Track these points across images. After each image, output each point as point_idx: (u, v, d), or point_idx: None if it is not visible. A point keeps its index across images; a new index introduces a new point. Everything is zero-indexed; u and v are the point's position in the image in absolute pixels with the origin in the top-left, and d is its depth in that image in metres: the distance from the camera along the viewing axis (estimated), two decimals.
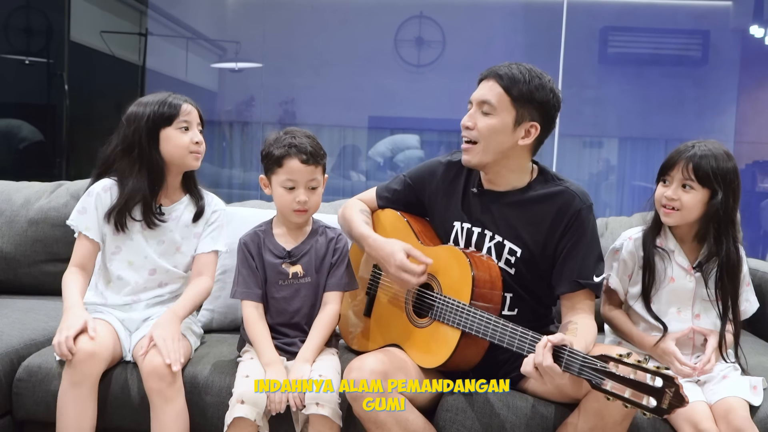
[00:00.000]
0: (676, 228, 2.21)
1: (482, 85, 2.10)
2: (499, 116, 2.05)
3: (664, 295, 2.21)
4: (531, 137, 2.07)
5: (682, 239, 2.22)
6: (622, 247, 2.27)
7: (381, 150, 5.81)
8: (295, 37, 5.74)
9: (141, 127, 2.20)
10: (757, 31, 5.54)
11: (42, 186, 2.98)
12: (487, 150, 2.08)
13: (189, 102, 2.27)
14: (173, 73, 6.00)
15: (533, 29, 5.65)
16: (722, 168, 2.11)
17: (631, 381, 1.65)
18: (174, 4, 5.89)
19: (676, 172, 2.13)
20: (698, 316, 2.20)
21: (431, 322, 2.10)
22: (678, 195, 2.12)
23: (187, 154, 2.24)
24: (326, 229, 2.26)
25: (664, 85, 5.60)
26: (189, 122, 2.24)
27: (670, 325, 2.18)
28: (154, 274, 2.27)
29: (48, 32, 5.22)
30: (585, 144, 5.84)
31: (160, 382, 2.01)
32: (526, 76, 2.04)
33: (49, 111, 5.21)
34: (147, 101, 2.24)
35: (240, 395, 2.01)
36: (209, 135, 5.92)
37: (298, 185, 2.15)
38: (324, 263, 2.21)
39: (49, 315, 2.53)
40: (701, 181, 2.10)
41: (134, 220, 2.23)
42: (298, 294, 2.19)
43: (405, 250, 2.10)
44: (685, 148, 2.14)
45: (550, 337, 1.79)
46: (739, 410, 1.97)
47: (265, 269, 2.19)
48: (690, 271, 2.19)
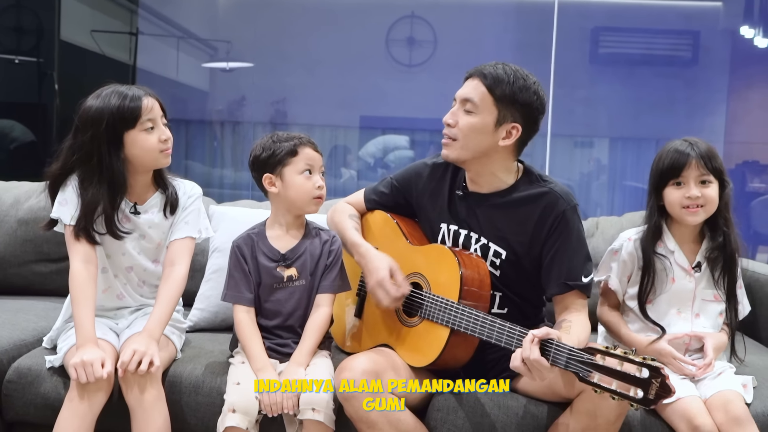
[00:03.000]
0: (677, 229, 2.23)
1: (467, 83, 2.09)
2: (480, 115, 2.05)
3: (665, 296, 2.22)
4: (512, 138, 2.06)
5: (682, 239, 2.23)
6: (622, 248, 2.27)
7: (371, 150, 5.82)
8: (286, 37, 5.74)
9: (100, 134, 2.05)
10: (746, 31, 5.57)
11: (32, 186, 2.97)
12: (465, 147, 2.08)
13: (149, 94, 2.11)
14: (164, 72, 5.98)
15: (524, 29, 5.66)
16: (720, 160, 2.19)
17: (618, 372, 1.66)
18: (165, 4, 5.88)
19: (691, 170, 2.14)
20: (698, 316, 2.22)
21: (421, 321, 2.10)
22: (701, 192, 2.14)
23: (157, 154, 2.12)
24: (320, 231, 2.24)
25: (655, 86, 5.62)
26: (153, 119, 2.10)
27: (670, 326, 2.19)
28: (131, 272, 2.23)
29: (38, 31, 5.19)
30: (576, 144, 5.85)
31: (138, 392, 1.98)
32: (510, 77, 2.03)
33: (39, 110, 5.18)
34: (103, 104, 2.06)
35: (232, 404, 2.00)
36: (200, 135, 5.93)
37: (314, 170, 2.15)
38: (319, 265, 2.19)
39: (39, 315, 2.52)
40: (715, 174, 2.15)
41: (98, 233, 2.12)
42: (293, 296, 2.18)
43: (390, 268, 2.11)
44: (686, 146, 2.16)
45: (535, 331, 1.80)
46: (736, 401, 1.98)
47: (260, 272, 2.17)
48: (690, 271, 2.21)
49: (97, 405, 1.98)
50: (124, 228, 2.15)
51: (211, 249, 2.72)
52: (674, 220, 2.22)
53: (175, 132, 2.24)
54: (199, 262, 2.74)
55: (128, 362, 1.96)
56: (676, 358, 2.11)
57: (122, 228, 2.15)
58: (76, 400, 1.96)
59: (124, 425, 2.03)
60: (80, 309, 2.05)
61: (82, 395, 1.95)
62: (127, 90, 2.10)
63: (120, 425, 2.04)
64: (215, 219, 2.75)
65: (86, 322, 2.03)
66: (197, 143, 5.96)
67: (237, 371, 2.10)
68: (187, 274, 2.21)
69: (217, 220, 2.75)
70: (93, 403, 1.97)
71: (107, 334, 2.13)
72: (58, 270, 2.82)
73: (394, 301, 2.10)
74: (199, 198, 2.29)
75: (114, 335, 2.17)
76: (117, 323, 2.23)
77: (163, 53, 5.94)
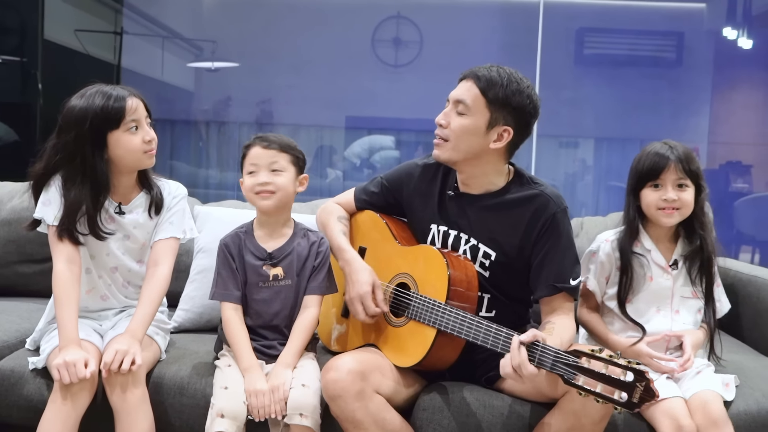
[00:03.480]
0: (653, 229, 2.26)
1: (461, 85, 2.10)
2: (472, 117, 2.05)
3: (644, 295, 2.24)
4: (503, 141, 2.06)
5: (658, 239, 2.27)
6: (599, 250, 2.29)
7: (357, 151, 5.82)
8: (272, 37, 5.73)
9: (83, 134, 2.03)
10: (730, 32, 5.62)
11: (15, 186, 2.94)
12: (456, 149, 2.08)
13: (133, 95, 2.10)
14: (149, 72, 5.96)
15: (510, 30, 5.68)
16: (698, 165, 2.23)
17: (603, 376, 1.68)
18: (150, 3, 5.85)
19: (669, 174, 2.18)
20: (678, 312, 2.24)
21: (407, 321, 2.10)
22: (677, 195, 2.18)
23: (141, 155, 2.11)
24: (308, 232, 2.23)
25: (640, 86, 5.66)
26: (137, 120, 2.08)
27: (650, 323, 2.21)
28: (115, 273, 2.22)
29: (21, 30, 5.16)
30: (561, 144, 5.88)
31: (122, 393, 1.97)
32: (504, 80, 2.04)
33: (22, 110, 5.14)
34: (87, 104, 2.04)
35: (220, 409, 1.98)
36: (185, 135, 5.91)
37: (259, 168, 2.13)
38: (306, 266, 2.19)
39: (21, 317, 2.50)
40: (692, 178, 2.19)
41: (81, 234, 2.10)
42: (278, 296, 2.17)
43: (373, 285, 2.12)
44: (666, 150, 2.20)
45: (522, 337, 1.80)
46: (714, 403, 2.00)
47: (246, 270, 2.17)
48: (667, 269, 2.24)
49: (80, 406, 1.96)
50: (107, 229, 2.14)
51: (196, 249, 2.71)
52: (650, 221, 2.26)
53: (160, 132, 2.23)
54: (183, 263, 2.72)
55: (110, 362, 1.95)
56: (653, 357, 2.13)
57: (105, 229, 2.13)
58: (60, 401, 1.94)
59: (108, 427, 2.01)
60: (63, 310, 2.03)
61: (66, 397, 1.94)
62: (112, 90, 2.08)
63: (104, 427, 2.02)
64: (200, 219, 2.74)
65: (69, 323, 2.01)
66: (182, 143, 5.94)
67: (224, 375, 2.08)
68: (171, 274, 2.19)
69: (203, 220, 2.74)
70: (76, 405, 1.95)
71: (91, 335, 2.11)
72: (42, 271, 2.80)
73: (368, 318, 2.13)
74: (183, 198, 2.28)
75: (98, 336, 2.15)
76: (101, 324, 2.22)
77: (148, 53, 5.92)
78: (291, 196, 2.18)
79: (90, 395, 1.98)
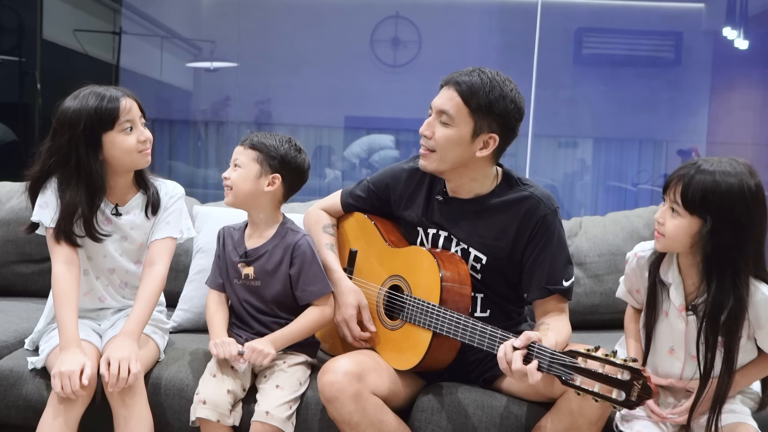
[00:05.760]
0: (683, 256, 1.92)
1: (442, 93, 2.05)
2: (456, 127, 2.01)
3: (660, 329, 1.98)
4: (489, 149, 2.03)
5: (686, 271, 1.92)
6: (629, 261, 2.07)
7: (356, 151, 5.82)
8: (270, 37, 5.73)
9: (77, 136, 2.03)
10: (728, 32, 5.61)
11: (13, 186, 2.94)
12: (443, 160, 2.05)
13: (127, 95, 2.09)
14: (148, 72, 5.95)
15: (508, 30, 5.68)
16: (719, 194, 1.77)
17: (600, 375, 1.67)
18: (149, 3, 5.85)
19: (669, 192, 1.85)
20: (693, 358, 1.91)
21: (403, 324, 2.10)
22: (664, 218, 1.86)
23: (136, 155, 2.10)
24: (289, 230, 2.19)
25: (638, 86, 5.65)
26: (132, 120, 2.08)
27: (661, 365, 1.99)
28: (113, 274, 2.22)
29: (20, 30, 5.15)
30: (560, 144, 5.88)
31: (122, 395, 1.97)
32: (486, 87, 1.99)
33: (21, 110, 5.14)
34: (80, 105, 2.04)
35: (204, 396, 2.02)
36: (184, 135, 5.90)
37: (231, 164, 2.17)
38: (279, 270, 2.15)
39: (20, 317, 2.50)
40: (688, 207, 1.80)
41: (78, 236, 2.10)
42: (251, 295, 2.18)
43: (359, 305, 2.15)
44: (688, 164, 1.85)
45: (516, 342, 1.79)
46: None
47: (227, 264, 2.21)
48: (681, 310, 1.92)
49: (79, 407, 1.97)
50: (104, 230, 2.14)
51: (194, 249, 2.71)
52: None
53: (158, 132, 2.24)
54: (182, 263, 2.73)
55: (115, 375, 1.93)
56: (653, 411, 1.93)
57: (101, 230, 2.13)
58: (59, 402, 1.95)
59: (108, 427, 2.02)
60: (63, 311, 2.03)
61: (65, 397, 1.94)
62: (105, 91, 2.08)
63: (103, 427, 2.03)
64: (199, 219, 2.74)
65: (70, 324, 2.01)
66: (181, 143, 5.93)
67: (216, 364, 2.11)
68: (167, 274, 2.19)
69: (201, 220, 2.74)
70: (76, 405, 1.96)
71: (90, 336, 2.12)
72: (40, 271, 2.80)
73: (356, 340, 2.15)
74: (181, 198, 2.27)
75: (97, 336, 2.16)
76: (99, 324, 2.22)
77: (147, 53, 5.91)
78: (251, 193, 2.14)
79: (89, 397, 1.99)
